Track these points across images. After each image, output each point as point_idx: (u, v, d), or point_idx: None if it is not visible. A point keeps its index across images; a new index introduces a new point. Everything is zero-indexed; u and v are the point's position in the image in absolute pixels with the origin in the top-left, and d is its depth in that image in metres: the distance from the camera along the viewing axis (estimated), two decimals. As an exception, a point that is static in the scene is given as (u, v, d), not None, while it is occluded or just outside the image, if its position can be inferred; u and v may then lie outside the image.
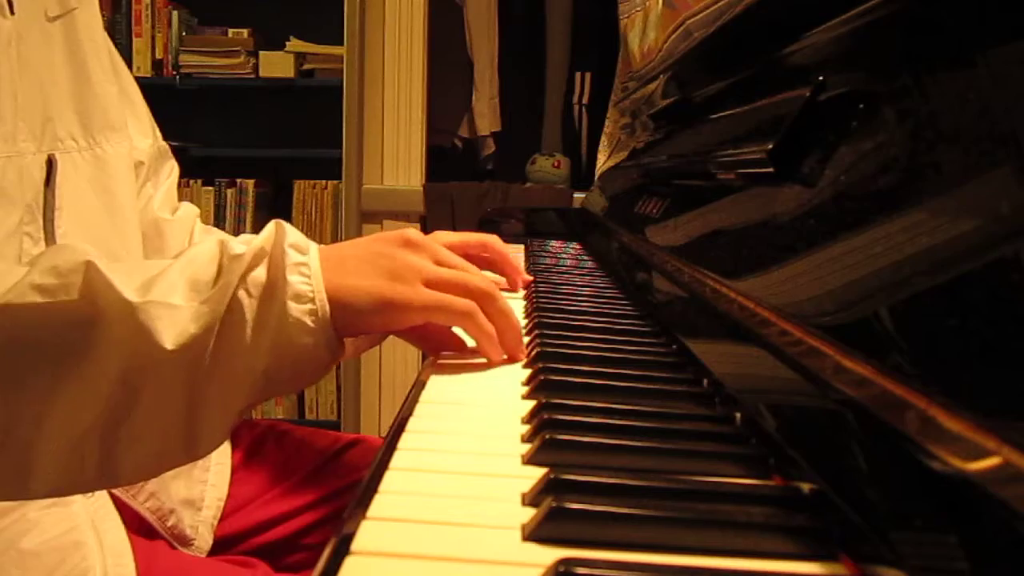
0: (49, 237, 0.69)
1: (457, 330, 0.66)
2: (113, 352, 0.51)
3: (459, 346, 0.66)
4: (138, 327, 0.51)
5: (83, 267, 0.51)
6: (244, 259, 0.55)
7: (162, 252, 0.93)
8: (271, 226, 0.57)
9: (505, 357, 0.64)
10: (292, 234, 0.58)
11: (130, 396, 0.52)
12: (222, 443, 0.57)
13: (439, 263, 0.62)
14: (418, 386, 0.58)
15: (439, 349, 0.66)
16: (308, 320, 0.55)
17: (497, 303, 0.62)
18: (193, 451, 0.55)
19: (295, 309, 0.55)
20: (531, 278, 1.05)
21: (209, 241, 0.57)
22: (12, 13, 0.68)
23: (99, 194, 0.77)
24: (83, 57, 0.77)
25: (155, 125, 0.96)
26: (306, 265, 0.56)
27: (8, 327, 0.51)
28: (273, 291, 0.55)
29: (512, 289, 0.98)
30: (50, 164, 0.70)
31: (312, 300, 0.55)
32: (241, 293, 0.54)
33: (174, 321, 0.52)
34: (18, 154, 0.66)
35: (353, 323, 0.58)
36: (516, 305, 0.91)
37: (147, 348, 0.51)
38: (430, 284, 0.60)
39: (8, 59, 0.66)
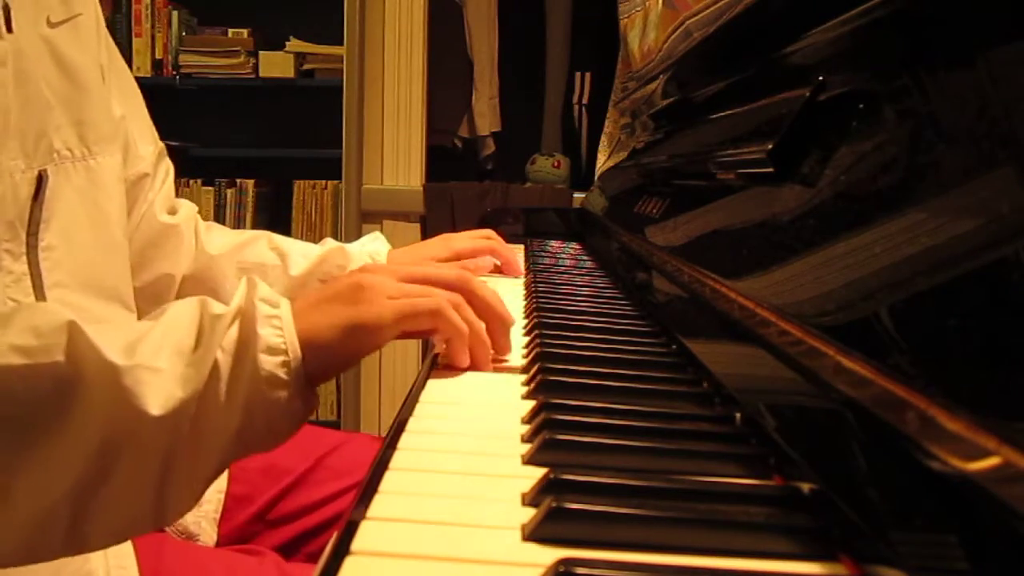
0: (31, 251, 0.66)
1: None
2: (94, 418, 0.49)
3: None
4: (124, 391, 0.49)
5: (66, 328, 0.49)
6: (224, 319, 0.53)
7: (174, 257, 0.93)
8: (243, 283, 0.56)
9: (468, 364, 0.62)
10: (263, 289, 0.56)
11: (107, 464, 0.49)
12: (190, 509, 0.55)
13: (404, 279, 0.61)
14: (418, 386, 0.58)
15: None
16: (281, 373, 0.53)
17: (475, 291, 0.62)
18: (161, 519, 0.53)
19: (267, 362, 0.53)
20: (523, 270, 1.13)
21: (188, 302, 0.55)
22: (10, 31, 0.65)
23: (88, 208, 0.74)
24: (83, 64, 0.75)
25: (153, 126, 0.95)
26: (277, 317, 0.54)
27: None
28: (245, 347, 0.53)
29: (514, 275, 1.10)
30: (40, 179, 0.67)
31: (285, 352, 0.53)
32: (219, 353, 0.52)
33: (161, 385, 0.50)
34: (4, 175, 0.63)
35: (328, 363, 0.56)
36: (516, 304, 0.91)
37: (131, 414, 0.49)
38: (395, 299, 0.59)
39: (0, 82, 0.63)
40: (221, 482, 0.86)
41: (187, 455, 0.51)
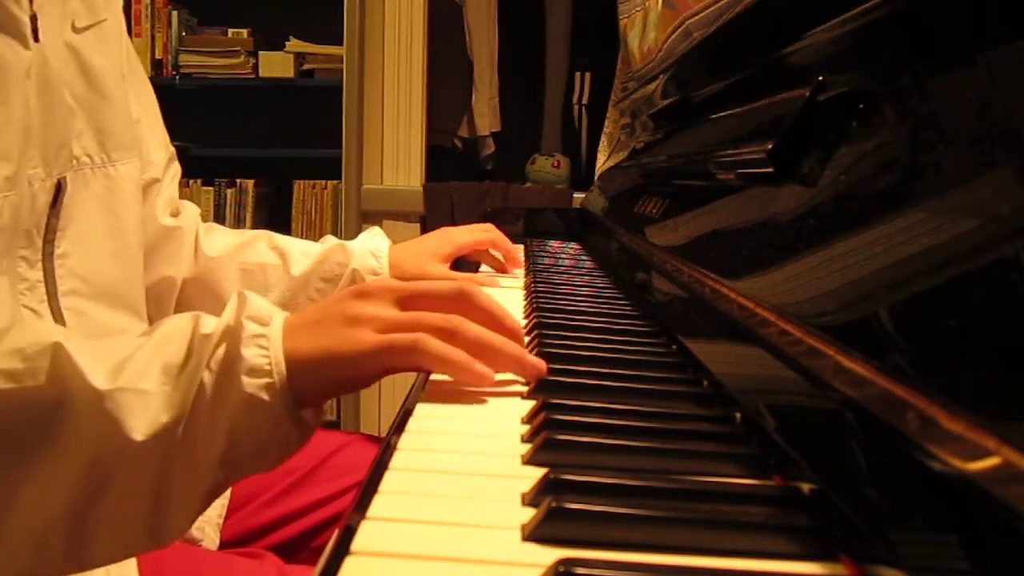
0: (47, 258, 0.66)
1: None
2: (81, 442, 0.48)
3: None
4: (107, 417, 0.48)
5: (50, 350, 0.49)
6: (212, 340, 0.52)
7: (176, 260, 0.93)
8: (233, 299, 0.54)
9: (493, 378, 0.57)
10: (253, 305, 0.54)
11: (97, 486, 0.49)
12: (187, 530, 0.54)
13: (404, 301, 0.58)
14: (418, 386, 0.58)
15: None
16: (264, 395, 0.51)
17: (462, 332, 0.56)
18: (158, 540, 0.52)
19: (250, 385, 0.51)
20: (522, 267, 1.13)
21: (183, 317, 0.54)
22: (37, 40, 0.63)
23: (104, 215, 0.74)
24: (106, 71, 0.74)
25: (165, 131, 0.95)
26: (264, 336, 0.52)
27: None
28: (230, 368, 0.51)
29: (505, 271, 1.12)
30: (59, 186, 0.67)
31: (269, 373, 0.51)
32: (205, 373, 0.51)
33: (145, 409, 0.49)
34: (23, 185, 0.63)
35: (314, 387, 0.54)
36: (515, 304, 0.91)
37: (116, 439, 0.48)
38: (385, 330, 0.55)
39: (22, 93, 0.62)
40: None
41: (178, 478, 0.50)
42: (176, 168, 0.96)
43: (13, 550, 0.49)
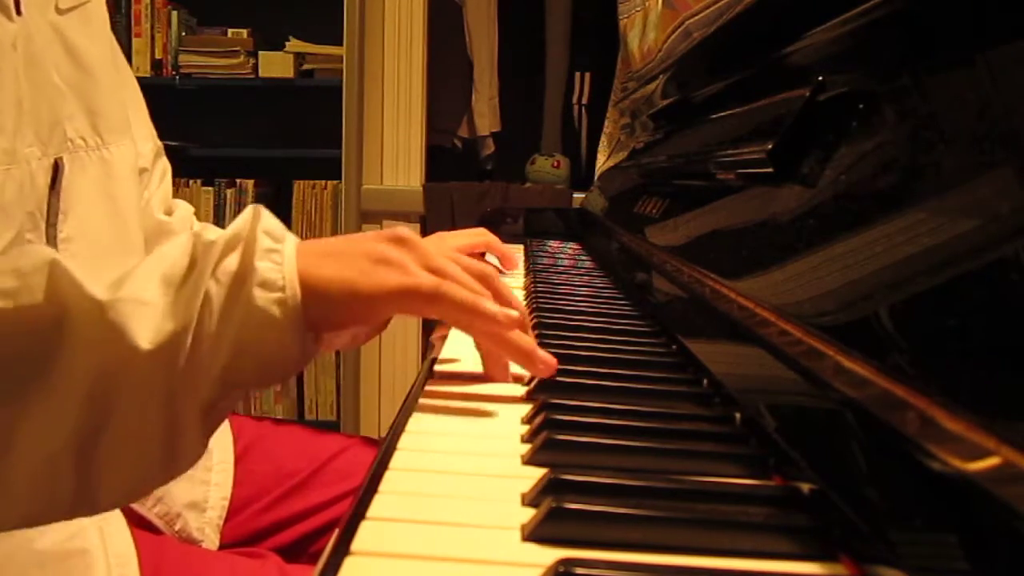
0: (51, 243, 0.65)
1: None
2: (84, 357, 0.46)
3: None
4: (110, 327, 0.46)
5: (46, 266, 0.47)
6: (216, 247, 0.50)
7: None
8: (247, 211, 0.53)
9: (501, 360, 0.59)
10: (268, 220, 0.53)
11: (105, 407, 0.47)
12: (200, 455, 0.52)
13: (428, 266, 0.57)
14: (418, 386, 0.58)
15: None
16: (275, 310, 0.50)
17: (498, 288, 0.58)
18: (173, 466, 0.51)
19: (261, 297, 0.49)
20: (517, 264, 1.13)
21: (182, 235, 0.52)
22: (19, 14, 0.63)
23: (103, 199, 0.73)
24: (93, 53, 0.73)
25: (151, 124, 0.95)
26: (278, 252, 0.51)
27: None
28: (241, 280, 0.50)
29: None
30: (56, 167, 0.66)
31: (282, 288, 0.50)
32: (211, 283, 0.49)
33: (149, 318, 0.47)
34: (22, 162, 0.62)
35: (326, 316, 0.53)
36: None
37: (121, 350, 0.47)
38: (403, 276, 0.55)
39: (11, 64, 0.61)
40: (226, 488, 0.86)
41: (188, 393, 0.48)
42: (165, 163, 0.95)
43: (21, 484, 0.47)
